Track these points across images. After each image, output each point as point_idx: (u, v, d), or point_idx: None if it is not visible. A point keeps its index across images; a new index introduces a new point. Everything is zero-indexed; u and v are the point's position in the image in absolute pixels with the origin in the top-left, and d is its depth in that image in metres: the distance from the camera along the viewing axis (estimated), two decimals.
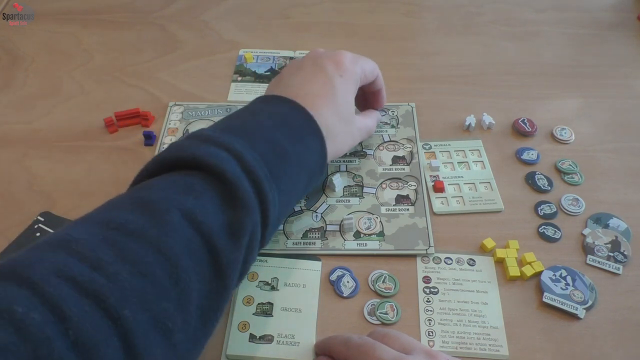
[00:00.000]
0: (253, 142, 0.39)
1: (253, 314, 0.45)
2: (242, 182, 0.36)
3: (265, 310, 0.46)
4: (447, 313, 0.46)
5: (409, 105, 0.63)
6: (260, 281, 0.47)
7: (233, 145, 0.38)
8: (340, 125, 0.47)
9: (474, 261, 0.49)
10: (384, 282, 0.47)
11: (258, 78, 0.67)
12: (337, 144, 0.47)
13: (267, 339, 0.44)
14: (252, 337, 0.44)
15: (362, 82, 0.51)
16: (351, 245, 0.50)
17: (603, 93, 0.65)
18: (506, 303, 0.46)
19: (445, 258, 0.49)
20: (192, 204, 0.35)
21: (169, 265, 0.32)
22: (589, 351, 0.43)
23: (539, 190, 0.54)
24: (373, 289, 0.47)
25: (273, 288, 0.47)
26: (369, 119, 0.54)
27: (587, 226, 0.51)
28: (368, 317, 0.45)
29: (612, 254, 0.49)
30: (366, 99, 0.56)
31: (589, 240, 0.50)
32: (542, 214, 0.52)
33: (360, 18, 0.76)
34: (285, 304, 0.46)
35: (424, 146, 0.58)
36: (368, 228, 0.51)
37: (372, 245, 0.50)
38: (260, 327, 0.45)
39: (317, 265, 0.49)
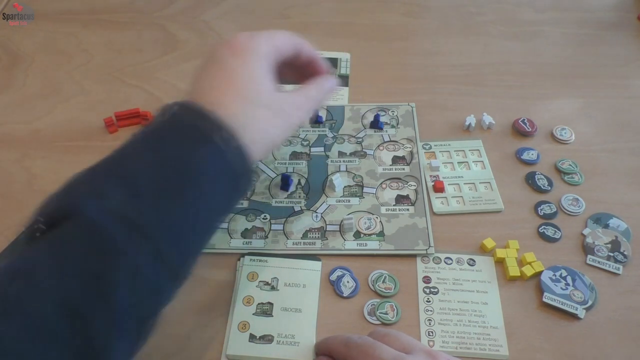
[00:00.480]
0: (124, 176, 0.35)
1: (253, 314, 0.45)
2: (108, 226, 0.31)
3: (265, 310, 0.46)
4: (447, 313, 0.46)
5: (409, 105, 0.63)
6: (260, 281, 0.47)
7: (100, 189, 0.33)
8: (254, 107, 0.40)
9: (474, 261, 0.49)
10: (384, 282, 0.47)
11: None
12: (259, 130, 0.40)
13: (267, 339, 0.44)
14: (252, 337, 0.44)
15: (276, 56, 0.43)
16: (351, 245, 0.50)
17: (603, 93, 0.65)
18: (506, 303, 0.46)
19: (445, 258, 0.49)
20: (46, 267, 0.30)
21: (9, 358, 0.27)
22: (589, 351, 0.43)
23: (539, 190, 0.54)
24: (373, 289, 0.47)
25: (273, 288, 0.47)
26: (310, 89, 0.46)
27: (587, 226, 0.51)
28: (368, 317, 0.45)
29: (612, 254, 0.49)
30: (309, 73, 0.48)
31: (589, 240, 0.50)
32: (542, 214, 0.52)
33: (360, 18, 0.76)
34: (285, 304, 0.46)
35: (424, 146, 0.58)
36: (368, 228, 0.51)
37: (372, 245, 0.50)
38: (260, 327, 0.45)
39: (317, 265, 0.49)
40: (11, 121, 0.62)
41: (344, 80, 0.67)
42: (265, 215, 0.52)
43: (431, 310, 0.46)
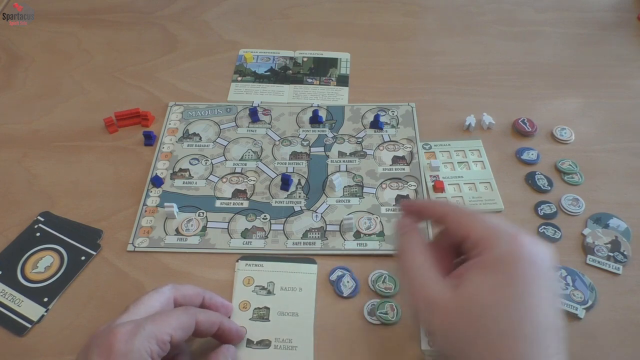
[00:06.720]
0: None
1: (250, 319, 0.45)
2: None
3: (262, 315, 0.46)
4: None
5: (409, 105, 0.63)
6: (256, 286, 0.47)
7: None
8: None
9: None
10: (384, 282, 0.47)
11: (258, 78, 0.67)
12: None
13: (264, 343, 0.44)
14: (250, 343, 0.44)
15: (160, 352, 0.36)
16: (351, 245, 0.50)
17: (603, 93, 0.65)
18: None
19: None
20: None
21: None
22: (589, 351, 0.43)
23: (539, 190, 0.54)
24: (373, 289, 0.47)
25: (269, 292, 0.47)
26: None
27: (587, 226, 0.51)
28: (368, 317, 0.45)
29: (612, 254, 0.49)
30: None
31: (589, 240, 0.50)
32: (542, 214, 0.52)
33: (360, 18, 0.76)
34: (282, 308, 0.46)
35: (424, 146, 0.58)
36: (368, 228, 0.51)
37: (372, 245, 0.50)
38: (257, 332, 0.44)
39: (313, 268, 0.48)
40: (11, 121, 0.62)
41: (344, 80, 0.67)
42: (265, 215, 0.52)
43: None
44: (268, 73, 0.68)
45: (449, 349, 0.33)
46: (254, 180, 0.56)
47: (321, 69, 0.68)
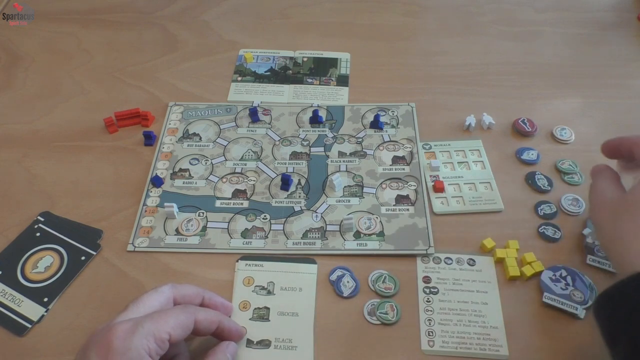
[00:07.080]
0: None
1: (250, 319, 0.45)
2: None
3: (262, 315, 0.46)
4: (447, 313, 0.46)
5: (409, 105, 0.63)
6: (256, 286, 0.47)
7: None
8: None
9: (474, 261, 0.49)
10: (384, 282, 0.47)
11: (258, 78, 0.67)
12: None
13: (264, 343, 0.44)
14: (250, 343, 0.44)
15: (158, 351, 0.36)
16: (351, 245, 0.50)
17: (603, 93, 0.65)
18: (506, 303, 0.46)
19: (445, 258, 0.49)
20: None
21: None
22: (589, 351, 0.43)
23: (539, 190, 0.54)
24: (373, 289, 0.47)
25: (269, 292, 0.47)
26: None
27: (587, 226, 0.51)
28: (368, 317, 0.45)
29: None
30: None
31: (589, 240, 0.50)
32: (542, 214, 0.52)
33: (360, 18, 0.76)
34: (282, 308, 0.46)
35: (424, 146, 0.58)
36: (368, 228, 0.51)
37: (372, 245, 0.50)
38: (257, 332, 0.44)
39: (313, 268, 0.49)
40: (11, 121, 0.62)
41: (344, 80, 0.67)
42: (265, 215, 0.52)
43: (431, 310, 0.46)
44: (268, 73, 0.68)
45: (611, 239, 0.40)
46: (254, 180, 0.56)
47: (321, 69, 0.68)
